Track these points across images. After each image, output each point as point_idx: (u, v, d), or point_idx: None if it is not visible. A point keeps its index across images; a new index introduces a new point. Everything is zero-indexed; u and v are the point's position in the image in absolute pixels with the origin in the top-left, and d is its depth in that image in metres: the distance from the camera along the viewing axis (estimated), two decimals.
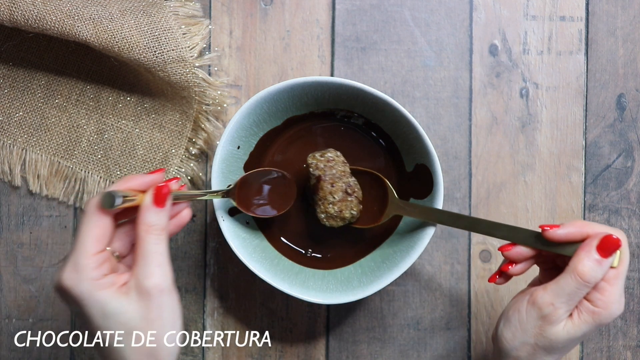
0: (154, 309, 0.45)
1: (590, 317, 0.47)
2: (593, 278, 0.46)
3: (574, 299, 0.47)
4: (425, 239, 0.57)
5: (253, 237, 0.61)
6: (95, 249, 0.45)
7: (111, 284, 0.45)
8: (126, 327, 0.44)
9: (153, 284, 0.44)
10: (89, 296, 0.44)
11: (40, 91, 0.65)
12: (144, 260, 0.45)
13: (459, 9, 0.66)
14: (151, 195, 0.46)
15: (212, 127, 0.64)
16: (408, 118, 0.55)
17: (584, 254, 0.46)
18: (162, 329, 0.45)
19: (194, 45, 0.62)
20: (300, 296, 0.57)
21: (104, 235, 0.45)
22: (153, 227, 0.46)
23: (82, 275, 0.44)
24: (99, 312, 0.44)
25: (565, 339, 0.48)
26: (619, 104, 0.66)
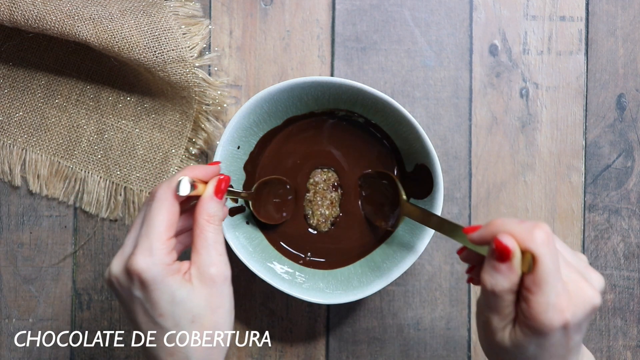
0: (216, 297, 0.45)
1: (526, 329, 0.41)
2: (495, 286, 0.41)
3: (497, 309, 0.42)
4: (425, 239, 0.57)
5: (253, 237, 0.61)
6: (167, 235, 0.45)
7: (178, 270, 0.45)
8: (191, 315, 0.45)
9: (217, 271, 0.45)
10: (161, 280, 0.44)
11: (40, 91, 0.65)
12: (206, 249, 0.46)
13: (459, 9, 0.66)
14: (213, 186, 0.47)
15: (212, 127, 0.64)
16: (408, 118, 0.55)
17: (485, 261, 0.42)
18: (222, 316, 0.46)
19: (194, 45, 0.62)
20: (300, 296, 0.57)
21: (174, 221, 0.46)
22: (214, 217, 0.46)
23: (156, 259, 0.44)
24: (168, 298, 0.44)
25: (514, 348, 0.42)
26: (619, 104, 0.66)
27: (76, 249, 0.65)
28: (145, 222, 0.46)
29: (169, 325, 0.45)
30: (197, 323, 0.45)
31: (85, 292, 0.65)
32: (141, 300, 0.45)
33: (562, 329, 0.40)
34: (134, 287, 0.45)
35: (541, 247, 0.40)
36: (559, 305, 0.40)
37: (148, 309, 0.45)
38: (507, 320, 0.42)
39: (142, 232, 0.45)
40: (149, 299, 0.45)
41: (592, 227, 0.66)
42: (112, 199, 0.64)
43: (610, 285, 0.66)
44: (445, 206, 0.65)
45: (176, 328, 0.45)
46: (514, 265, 0.40)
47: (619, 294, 0.66)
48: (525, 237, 0.40)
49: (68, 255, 0.65)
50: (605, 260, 0.66)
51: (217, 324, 0.46)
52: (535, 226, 0.40)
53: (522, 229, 0.40)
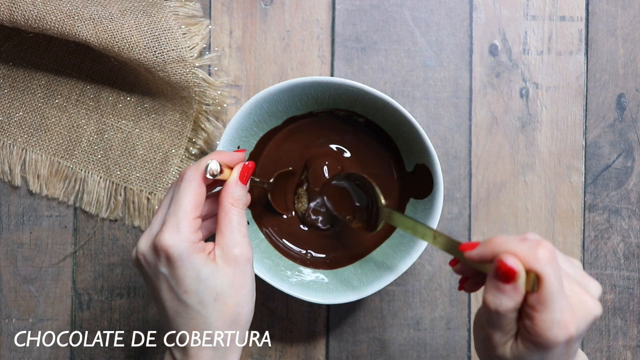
0: (239, 276, 0.47)
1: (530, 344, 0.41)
2: (499, 307, 0.40)
3: (499, 326, 0.41)
4: None
5: (253, 237, 0.61)
6: (194, 214, 0.47)
7: (203, 249, 0.47)
8: (214, 293, 0.46)
9: (240, 252, 0.47)
10: (187, 257, 0.45)
11: (40, 91, 0.65)
12: (230, 230, 0.47)
13: (459, 9, 0.66)
14: (238, 171, 0.49)
15: (212, 127, 0.64)
16: (408, 118, 0.55)
17: (487, 280, 0.41)
18: (245, 296, 0.47)
19: (194, 45, 0.62)
20: (300, 296, 0.57)
21: (201, 202, 0.47)
22: (238, 200, 0.48)
23: (183, 237, 0.46)
24: (193, 275, 0.46)
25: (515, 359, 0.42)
26: (619, 104, 0.66)
27: (76, 249, 0.65)
28: (173, 202, 0.47)
29: (193, 302, 0.46)
30: (220, 301, 0.46)
31: (85, 292, 0.65)
32: (167, 277, 0.46)
33: (566, 343, 0.40)
34: (160, 263, 0.46)
35: (545, 266, 0.39)
36: (563, 322, 0.40)
37: (173, 286, 0.46)
38: (508, 336, 0.42)
39: (170, 211, 0.47)
40: (174, 275, 0.46)
41: (592, 227, 0.66)
42: (112, 199, 0.64)
43: (610, 285, 0.66)
44: (445, 206, 0.65)
45: (200, 305, 0.46)
46: (518, 286, 0.39)
47: (619, 294, 0.66)
48: (529, 256, 0.39)
49: (68, 255, 0.65)
50: (605, 260, 0.66)
51: (240, 302, 0.47)
52: (539, 245, 0.40)
53: (525, 249, 0.39)
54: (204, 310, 0.46)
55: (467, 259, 0.42)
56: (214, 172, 0.47)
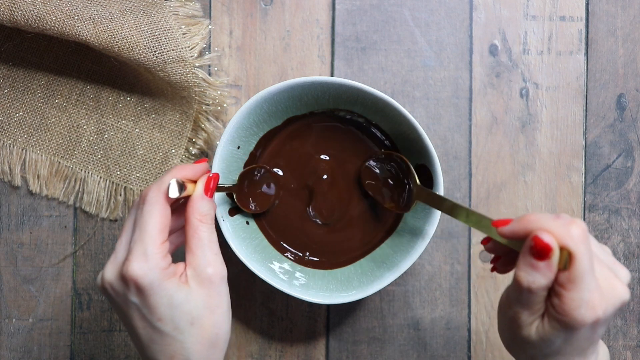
0: (215, 297, 0.45)
1: (557, 323, 0.41)
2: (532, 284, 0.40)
3: (528, 305, 0.41)
4: (425, 239, 0.57)
5: (253, 237, 0.61)
6: (161, 238, 0.45)
7: (174, 273, 0.45)
8: (190, 317, 0.45)
9: (214, 271, 0.45)
10: (158, 285, 0.44)
11: (40, 91, 0.65)
12: (201, 249, 0.45)
13: (459, 9, 0.66)
14: (202, 184, 0.47)
15: (212, 127, 0.64)
16: (408, 118, 0.55)
17: (520, 257, 0.41)
18: (221, 316, 0.46)
19: (194, 45, 0.62)
20: (300, 296, 0.57)
21: (166, 224, 0.45)
22: (206, 216, 0.46)
23: (151, 264, 0.44)
24: (166, 302, 0.44)
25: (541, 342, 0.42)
26: (619, 104, 0.66)
27: (76, 249, 0.65)
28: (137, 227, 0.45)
29: (168, 329, 0.45)
30: (197, 324, 0.45)
31: (85, 292, 0.65)
32: (138, 306, 0.45)
33: (592, 325, 0.40)
34: (130, 293, 0.44)
35: (578, 244, 0.39)
36: (591, 302, 0.40)
37: (146, 314, 0.45)
38: (536, 315, 0.42)
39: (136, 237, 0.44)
40: (146, 304, 0.44)
41: (592, 227, 0.66)
42: (112, 199, 0.64)
43: None
44: None
45: (176, 331, 0.45)
46: (552, 263, 0.39)
47: None
48: (563, 233, 0.39)
49: (68, 255, 0.65)
50: None
51: (217, 323, 0.46)
52: (572, 222, 0.40)
53: (559, 226, 0.40)
54: (181, 336, 0.45)
55: (499, 235, 0.42)
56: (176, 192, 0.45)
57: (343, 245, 0.62)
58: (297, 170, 0.62)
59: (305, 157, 0.62)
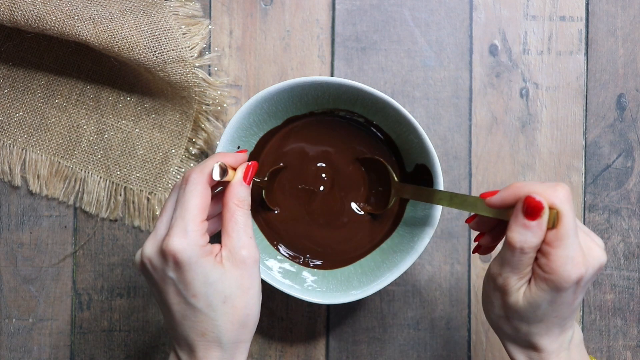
0: (247, 278, 0.47)
1: (544, 284, 0.44)
2: (525, 244, 0.43)
3: (518, 267, 0.44)
4: (425, 239, 0.57)
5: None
6: (201, 217, 0.46)
7: (210, 252, 0.46)
8: (223, 295, 0.46)
9: (248, 254, 0.47)
10: (195, 261, 0.45)
11: (40, 91, 0.65)
12: (237, 232, 0.47)
13: (459, 9, 0.66)
14: (242, 172, 0.49)
15: (212, 127, 0.64)
16: (408, 118, 0.55)
17: (512, 220, 0.44)
18: (253, 297, 0.47)
19: (194, 45, 0.62)
20: (300, 296, 0.57)
21: (207, 205, 0.47)
22: (243, 201, 0.48)
23: (191, 241, 0.45)
24: (202, 279, 0.45)
25: (529, 307, 0.45)
26: (619, 104, 0.66)
27: (76, 249, 0.65)
28: (179, 205, 0.46)
29: (201, 306, 0.46)
30: (229, 304, 0.46)
31: (85, 292, 0.65)
32: (174, 281, 0.46)
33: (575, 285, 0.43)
34: (168, 267, 0.46)
35: (564, 204, 0.43)
36: (576, 259, 0.43)
37: (181, 290, 0.46)
38: (523, 281, 0.45)
39: (177, 215, 0.46)
40: (182, 280, 0.46)
41: (592, 227, 0.66)
42: (112, 199, 0.65)
43: (610, 285, 0.66)
44: None
45: (209, 309, 0.46)
46: (542, 222, 0.42)
47: (619, 294, 0.66)
48: (550, 194, 0.43)
49: (68, 255, 0.65)
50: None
51: (248, 304, 0.47)
52: (557, 185, 0.43)
53: (546, 188, 0.43)
54: (213, 313, 0.46)
55: (488, 206, 0.46)
56: (219, 175, 0.47)
57: (343, 245, 0.62)
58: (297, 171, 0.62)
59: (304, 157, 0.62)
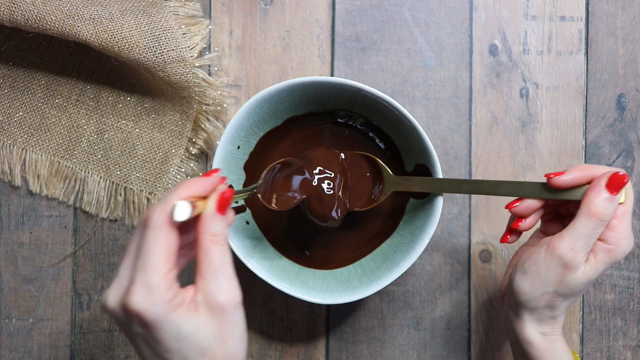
0: (228, 326, 0.42)
1: (606, 256, 0.48)
2: (607, 216, 0.47)
3: (590, 240, 0.48)
4: (425, 239, 0.57)
5: (253, 237, 0.61)
6: (166, 267, 0.40)
7: (181, 303, 0.41)
8: (200, 348, 0.41)
9: (226, 299, 0.41)
10: (163, 319, 0.40)
11: (40, 91, 0.65)
12: (213, 274, 0.41)
13: (459, 9, 0.66)
14: (215, 201, 0.42)
15: (212, 127, 0.64)
16: (408, 118, 0.55)
17: (594, 194, 0.48)
18: (235, 345, 0.42)
19: (194, 45, 0.62)
20: (300, 296, 0.57)
21: (172, 251, 0.41)
22: (218, 236, 0.42)
23: (156, 298, 0.39)
24: (173, 335, 0.40)
25: (584, 283, 0.49)
26: (619, 104, 0.66)
27: (76, 249, 0.65)
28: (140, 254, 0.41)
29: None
30: (207, 355, 0.41)
31: (85, 292, 0.65)
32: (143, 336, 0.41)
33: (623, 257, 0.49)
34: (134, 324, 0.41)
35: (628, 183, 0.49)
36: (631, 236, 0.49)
37: (152, 345, 0.41)
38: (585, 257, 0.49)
39: (139, 266, 0.40)
40: (152, 337, 0.41)
41: None
42: (112, 199, 0.64)
43: (610, 285, 0.66)
44: (446, 206, 0.65)
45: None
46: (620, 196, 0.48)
47: (619, 294, 0.66)
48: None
49: (68, 255, 0.65)
50: None
51: (229, 353, 0.42)
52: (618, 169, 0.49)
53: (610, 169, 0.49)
54: None
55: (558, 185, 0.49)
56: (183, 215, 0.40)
57: (343, 245, 0.62)
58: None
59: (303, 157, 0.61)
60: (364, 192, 0.59)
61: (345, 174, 0.58)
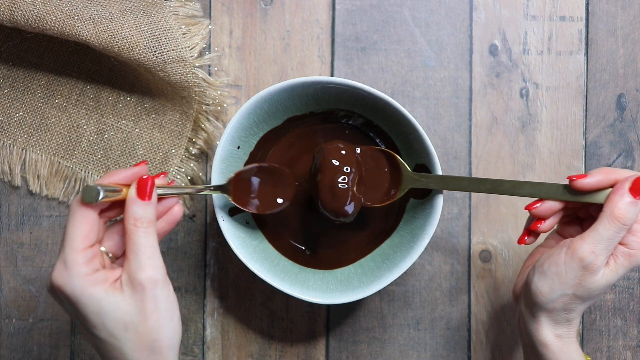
0: (149, 302, 0.44)
1: (627, 260, 0.48)
2: (629, 220, 0.47)
3: (612, 244, 0.48)
4: (425, 239, 0.57)
5: (253, 237, 0.61)
6: (83, 245, 0.44)
7: (104, 280, 0.44)
8: (123, 323, 0.44)
9: (145, 276, 0.44)
10: (81, 293, 0.43)
11: (40, 91, 0.65)
12: (134, 254, 0.44)
13: (459, 9, 0.66)
14: (134, 188, 0.46)
15: (212, 127, 0.64)
16: (408, 118, 0.55)
17: (617, 198, 0.47)
18: (159, 321, 0.45)
19: (194, 45, 0.62)
20: (300, 296, 0.57)
21: (90, 230, 0.45)
22: (140, 220, 0.45)
23: (72, 272, 0.43)
24: (94, 309, 0.43)
25: (603, 286, 0.48)
26: (619, 104, 0.66)
27: None
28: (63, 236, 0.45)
29: (104, 336, 0.44)
30: (131, 330, 0.44)
31: None
32: (73, 314, 0.45)
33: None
34: (63, 302, 0.45)
35: None
36: None
37: (82, 322, 0.44)
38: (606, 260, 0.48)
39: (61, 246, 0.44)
40: (78, 313, 0.44)
41: None
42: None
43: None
44: (445, 206, 0.65)
45: (112, 338, 0.44)
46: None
47: (619, 294, 0.66)
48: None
49: None
50: None
51: (153, 329, 0.44)
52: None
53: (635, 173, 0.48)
54: (117, 343, 0.44)
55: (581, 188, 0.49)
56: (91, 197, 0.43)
57: (343, 245, 0.62)
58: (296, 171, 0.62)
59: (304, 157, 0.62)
60: (380, 188, 0.58)
61: (360, 169, 0.57)
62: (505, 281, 0.66)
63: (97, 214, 0.45)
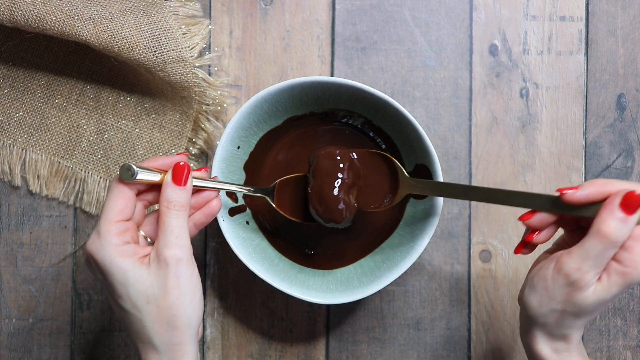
0: (171, 279, 0.46)
1: (620, 278, 0.45)
2: (619, 237, 0.44)
3: (601, 261, 0.45)
4: (425, 238, 0.57)
5: (253, 237, 0.61)
6: (117, 218, 0.47)
7: (133, 253, 0.47)
8: (145, 296, 0.46)
9: (171, 254, 0.47)
10: (110, 262, 0.46)
11: (40, 91, 0.65)
12: (163, 232, 0.47)
13: (459, 9, 0.66)
14: (171, 172, 0.49)
15: (212, 127, 0.64)
16: (408, 118, 0.55)
17: (607, 214, 0.44)
18: (179, 298, 0.47)
19: (194, 45, 0.62)
20: (300, 296, 0.57)
21: (126, 206, 0.48)
22: (172, 203, 0.48)
23: (104, 241, 0.46)
24: (120, 279, 0.46)
25: (594, 303, 0.46)
26: (619, 104, 0.66)
27: (76, 249, 0.65)
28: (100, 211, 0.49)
29: (128, 307, 0.47)
30: (153, 304, 0.46)
31: (85, 292, 0.65)
32: (102, 282, 0.48)
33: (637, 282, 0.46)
34: (95, 271, 0.48)
35: None
36: None
37: (110, 292, 0.47)
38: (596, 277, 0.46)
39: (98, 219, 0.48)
40: (106, 282, 0.47)
41: None
42: None
43: None
44: (446, 206, 0.65)
45: (134, 309, 0.47)
46: (636, 217, 0.44)
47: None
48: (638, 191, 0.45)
49: (68, 255, 0.65)
50: None
51: (173, 304, 0.47)
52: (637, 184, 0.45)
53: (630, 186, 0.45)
54: (139, 314, 0.47)
55: (571, 201, 0.46)
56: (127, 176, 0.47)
57: (343, 245, 0.62)
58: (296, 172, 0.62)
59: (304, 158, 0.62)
60: (378, 192, 0.57)
61: (356, 174, 0.56)
62: (505, 281, 0.66)
63: (133, 193, 0.49)
